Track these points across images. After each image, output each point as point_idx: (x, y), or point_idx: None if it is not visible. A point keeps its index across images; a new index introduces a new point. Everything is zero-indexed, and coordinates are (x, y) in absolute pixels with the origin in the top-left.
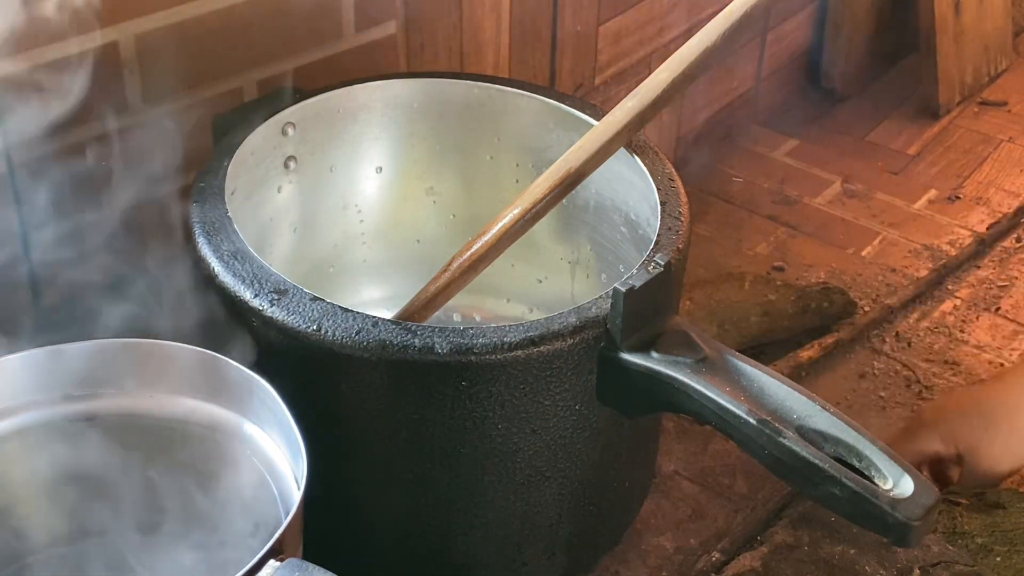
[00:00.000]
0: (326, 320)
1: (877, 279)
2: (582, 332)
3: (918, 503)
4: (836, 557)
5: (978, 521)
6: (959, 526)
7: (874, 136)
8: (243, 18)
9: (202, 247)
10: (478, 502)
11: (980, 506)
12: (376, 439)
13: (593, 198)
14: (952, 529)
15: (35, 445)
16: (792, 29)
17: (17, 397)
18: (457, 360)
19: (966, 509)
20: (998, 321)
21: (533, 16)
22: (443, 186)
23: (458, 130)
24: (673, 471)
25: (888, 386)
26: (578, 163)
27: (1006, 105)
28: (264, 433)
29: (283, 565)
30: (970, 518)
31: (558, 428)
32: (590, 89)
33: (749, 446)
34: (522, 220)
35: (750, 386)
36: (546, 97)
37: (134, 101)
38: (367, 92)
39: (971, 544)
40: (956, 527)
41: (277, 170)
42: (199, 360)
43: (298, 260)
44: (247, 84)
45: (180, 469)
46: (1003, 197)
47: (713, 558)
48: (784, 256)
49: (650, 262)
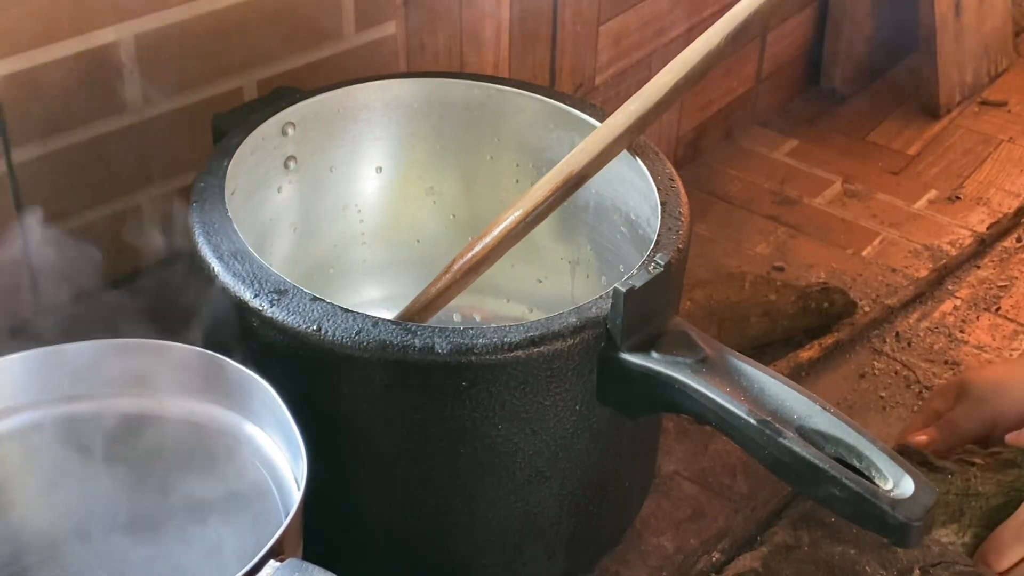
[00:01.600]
0: (326, 320)
1: (877, 279)
2: (582, 332)
3: (918, 503)
4: (836, 557)
5: (993, 481)
6: (972, 487)
7: (874, 136)
8: (243, 18)
9: (202, 247)
10: (478, 502)
11: (995, 465)
12: (376, 439)
13: (593, 198)
14: (966, 491)
15: (35, 445)
16: (792, 29)
17: (17, 397)
18: (457, 360)
19: (980, 469)
20: (998, 321)
21: (533, 16)
22: (443, 186)
23: (458, 130)
24: (673, 471)
25: (888, 386)
26: (580, 166)
27: (1006, 105)
28: (264, 433)
29: (283, 565)
30: (984, 478)
31: (558, 428)
32: (590, 89)
33: (749, 446)
34: (523, 223)
35: (750, 386)
36: (546, 97)
37: (134, 101)
38: (367, 92)
39: (985, 506)
40: (970, 488)
41: (277, 170)
42: (199, 360)
43: (298, 260)
44: (247, 84)
45: (180, 469)
46: (1003, 197)
47: (713, 558)
48: (784, 256)
49: (650, 262)
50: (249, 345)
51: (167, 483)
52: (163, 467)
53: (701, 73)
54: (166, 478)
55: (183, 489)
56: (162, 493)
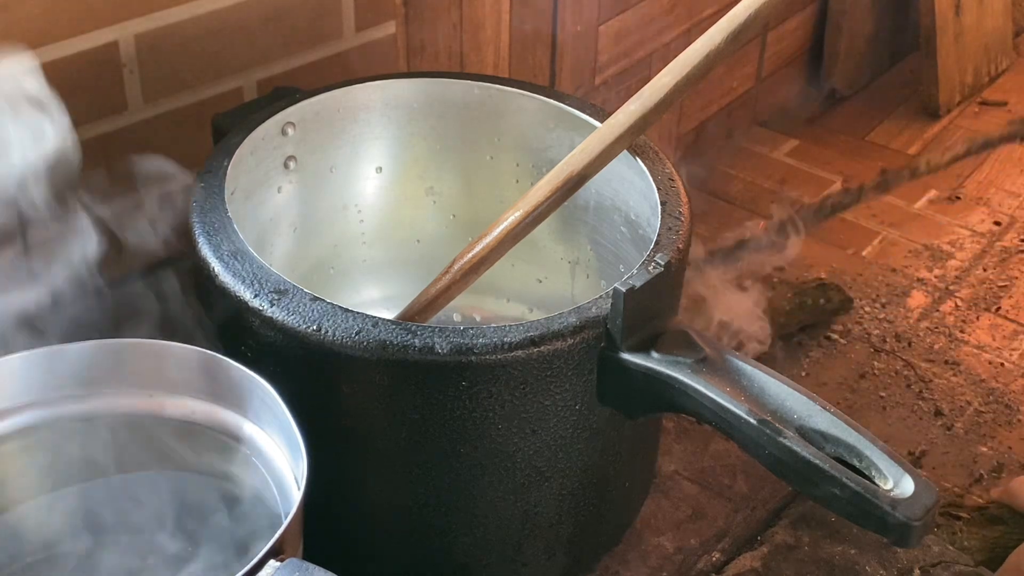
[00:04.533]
0: (326, 320)
1: (877, 279)
2: (582, 332)
3: (918, 503)
4: (836, 557)
5: (978, 537)
6: (958, 542)
7: (874, 136)
8: (243, 18)
9: (202, 247)
10: (478, 502)
11: (981, 520)
12: (376, 439)
13: (593, 198)
14: (951, 545)
15: (35, 445)
16: (792, 29)
17: (17, 397)
18: (457, 360)
19: (967, 524)
20: (998, 321)
21: (533, 16)
22: (443, 186)
23: (458, 130)
24: (673, 471)
25: (888, 386)
26: (580, 166)
27: (1006, 105)
28: (264, 433)
29: (283, 565)
30: (970, 533)
31: (558, 428)
32: (590, 89)
33: (749, 446)
34: (523, 223)
35: (750, 386)
36: (546, 97)
37: (134, 101)
38: (367, 92)
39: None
40: (955, 542)
41: (277, 170)
42: (199, 360)
43: (298, 260)
44: (247, 84)
45: (180, 469)
46: (1003, 197)
47: (713, 558)
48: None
49: (650, 262)
50: (249, 345)
51: (167, 483)
52: (163, 467)
53: (701, 73)
54: (166, 478)
55: (183, 489)
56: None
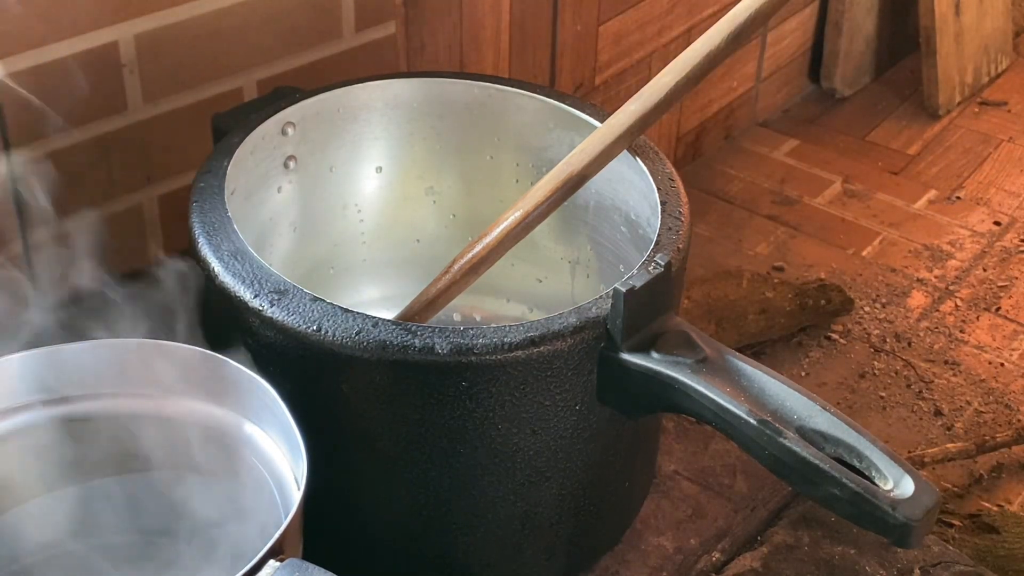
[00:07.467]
0: (326, 320)
1: (877, 279)
2: (582, 332)
3: (918, 503)
4: (836, 557)
5: (970, 545)
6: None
7: (874, 136)
8: (243, 18)
9: (202, 247)
10: (478, 502)
11: (973, 528)
12: (376, 439)
13: (593, 198)
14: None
15: (35, 445)
16: (792, 29)
17: (17, 397)
18: (457, 360)
19: (959, 532)
20: (998, 321)
21: (533, 16)
22: (443, 186)
23: (458, 130)
24: (673, 471)
25: (888, 386)
26: (580, 166)
27: (1006, 105)
28: (264, 433)
29: (283, 565)
30: (962, 541)
31: (558, 428)
32: (590, 89)
33: (749, 446)
34: (523, 223)
35: (750, 386)
36: (546, 97)
37: (134, 101)
38: (367, 92)
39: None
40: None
41: (277, 170)
42: (199, 360)
43: (298, 260)
44: (247, 84)
45: (180, 469)
46: (1003, 197)
47: (713, 558)
48: (784, 256)
49: (650, 262)
50: (249, 345)
51: (167, 483)
52: (163, 467)
53: (701, 73)
54: (166, 478)
55: (183, 489)
56: (162, 493)
